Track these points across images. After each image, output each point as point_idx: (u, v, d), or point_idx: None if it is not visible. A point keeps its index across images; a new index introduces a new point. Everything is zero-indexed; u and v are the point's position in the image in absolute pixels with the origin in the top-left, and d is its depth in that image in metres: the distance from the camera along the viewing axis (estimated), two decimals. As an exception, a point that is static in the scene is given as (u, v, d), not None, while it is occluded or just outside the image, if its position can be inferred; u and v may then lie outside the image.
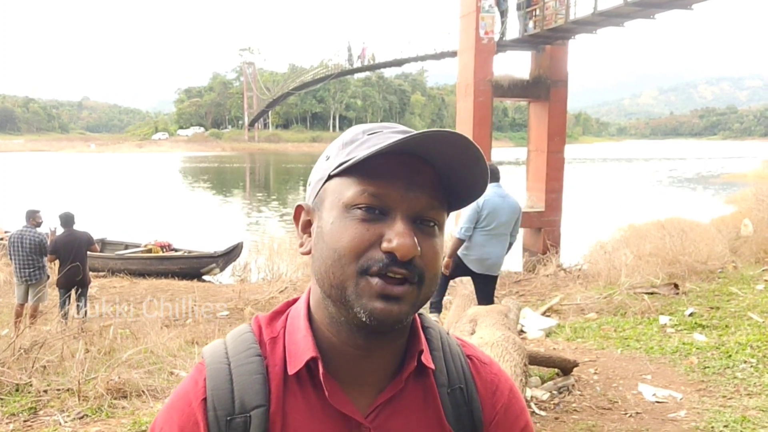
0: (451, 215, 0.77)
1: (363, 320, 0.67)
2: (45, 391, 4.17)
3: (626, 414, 3.82)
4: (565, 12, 12.58)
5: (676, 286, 7.34)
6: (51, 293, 7.58)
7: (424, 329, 0.78)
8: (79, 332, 5.96)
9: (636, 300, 6.86)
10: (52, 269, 7.44)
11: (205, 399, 0.69)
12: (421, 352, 0.74)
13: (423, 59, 23.76)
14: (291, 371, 0.71)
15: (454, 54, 15.91)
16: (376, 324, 0.67)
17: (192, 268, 12.03)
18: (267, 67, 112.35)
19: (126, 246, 13.04)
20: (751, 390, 4.11)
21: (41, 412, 3.93)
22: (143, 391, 4.17)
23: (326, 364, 0.71)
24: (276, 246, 12.50)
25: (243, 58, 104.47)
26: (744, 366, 4.53)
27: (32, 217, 7.03)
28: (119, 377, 4.24)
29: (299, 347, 0.72)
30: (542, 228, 13.70)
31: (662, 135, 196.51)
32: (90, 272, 7.62)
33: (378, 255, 0.66)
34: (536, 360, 4.21)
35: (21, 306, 7.07)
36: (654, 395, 4.09)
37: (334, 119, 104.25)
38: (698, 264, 8.45)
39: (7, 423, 3.77)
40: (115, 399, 4.07)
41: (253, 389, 0.69)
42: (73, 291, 7.09)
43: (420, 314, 0.78)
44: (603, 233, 13.09)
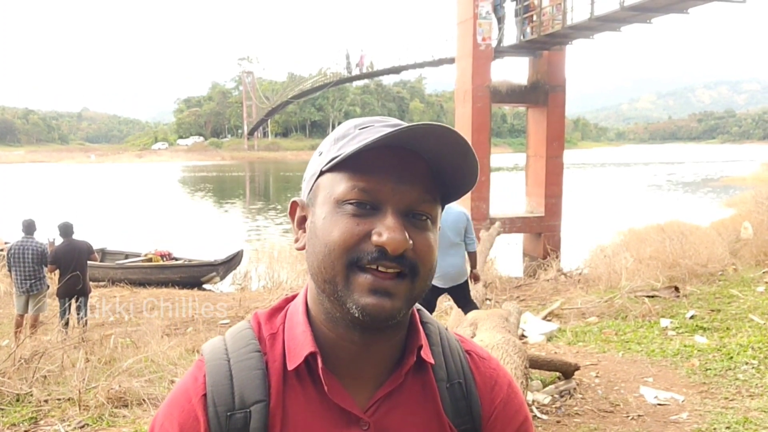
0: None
1: (356, 316, 0.67)
2: (46, 401, 4.16)
3: (628, 417, 3.81)
4: (562, 17, 12.64)
5: (677, 289, 7.34)
6: (51, 303, 7.57)
7: (423, 324, 0.78)
8: (80, 341, 5.95)
9: (637, 303, 6.85)
10: (52, 279, 7.43)
11: (205, 395, 0.70)
12: (421, 347, 0.74)
13: (421, 66, 23.88)
14: (290, 366, 0.71)
15: (452, 60, 15.98)
16: (369, 320, 0.67)
17: (192, 277, 12.02)
18: (266, 76, 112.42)
19: (126, 255, 13.03)
20: (753, 391, 4.10)
21: (42, 422, 3.92)
22: (144, 400, 4.16)
23: (325, 360, 0.71)
24: (276, 254, 12.49)
25: (242, 68, 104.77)
26: (745, 368, 4.53)
27: (29, 227, 7.02)
28: (120, 386, 4.23)
29: (298, 342, 0.72)
30: (542, 233, 13.71)
31: (661, 139, 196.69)
32: (90, 282, 7.62)
33: (369, 248, 0.66)
34: (537, 364, 4.21)
35: (21, 316, 7.05)
36: (656, 398, 4.08)
37: (333, 127, 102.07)
38: (698, 267, 8.44)
39: (8, 433, 3.76)
40: (116, 408, 4.06)
41: (253, 384, 0.70)
42: (73, 300, 7.09)
43: (419, 310, 0.79)
44: (603, 237, 13.09)
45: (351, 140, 0.70)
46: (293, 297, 0.79)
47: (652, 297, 7.14)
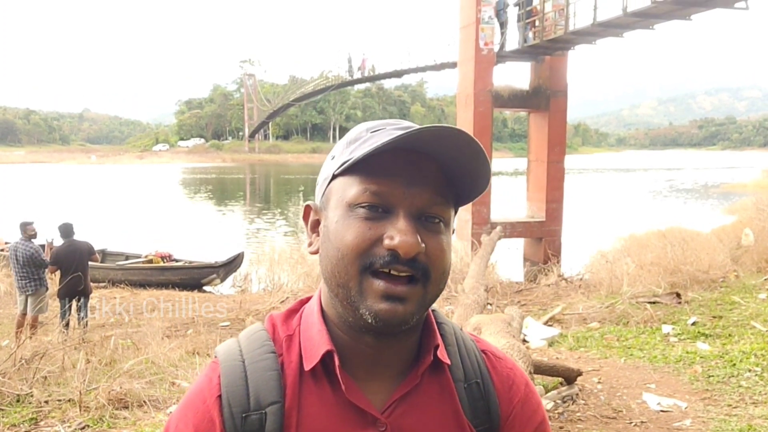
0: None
1: (369, 321, 0.67)
2: (46, 402, 4.15)
3: (631, 423, 3.80)
4: (565, 23, 12.65)
5: (678, 296, 7.33)
6: (51, 304, 7.56)
7: (439, 325, 0.78)
8: (80, 342, 5.94)
9: (638, 309, 6.84)
10: (53, 280, 7.42)
11: (220, 396, 0.69)
12: (437, 347, 0.74)
13: (423, 70, 23.86)
14: (307, 367, 0.71)
15: (454, 65, 15.99)
16: (382, 325, 0.67)
17: (193, 279, 12.00)
18: (267, 79, 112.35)
19: (127, 257, 13.01)
20: (757, 399, 4.09)
21: (42, 423, 3.90)
22: (145, 402, 4.15)
23: (341, 360, 0.71)
24: (277, 256, 12.49)
25: (243, 70, 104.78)
26: (748, 375, 4.51)
27: (25, 230, 7.03)
28: (120, 387, 4.22)
29: (314, 343, 0.72)
30: (543, 238, 13.69)
31: (661, 145, 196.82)
32: (91, 283, 7.61)
33: (381, 252, 0.66)
34: (540, 369, 4.19)
35: (23, 316, 7.06)
36: (659, 404, 4.07)
37: (335, 130, 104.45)
38: (700, 273, 8.44)
39: (8, 433, 3.75)
40: (117, 409, 4.05)
41: (268, 386, 0.69)
42: (74, 301, 7.09)
43: (433, 310, 0.79)
44: (604, 243, 13.09)
45: (363, 143, 0.70)
46: (308, 299, 0.79)
47: (654, 303, 7.14)
